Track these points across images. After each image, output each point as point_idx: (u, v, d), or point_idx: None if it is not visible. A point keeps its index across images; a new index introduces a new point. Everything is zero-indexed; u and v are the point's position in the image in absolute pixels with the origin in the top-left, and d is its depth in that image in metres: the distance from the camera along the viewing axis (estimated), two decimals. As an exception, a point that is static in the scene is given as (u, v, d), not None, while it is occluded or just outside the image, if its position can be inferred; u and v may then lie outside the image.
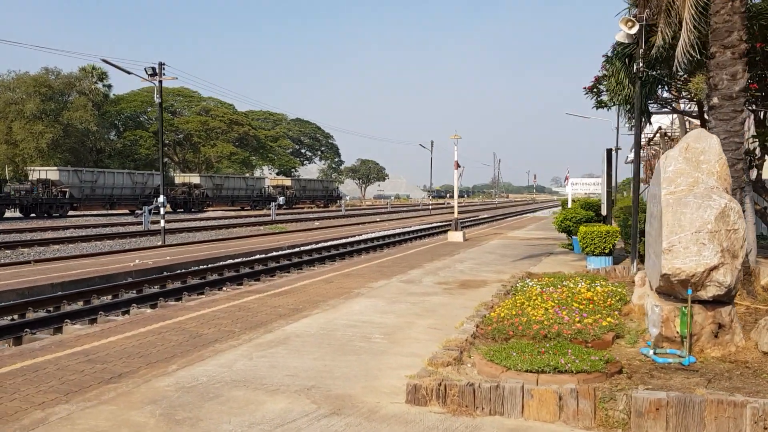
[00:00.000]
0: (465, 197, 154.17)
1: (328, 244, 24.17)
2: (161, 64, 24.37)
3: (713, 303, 6.45)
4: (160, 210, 25.06)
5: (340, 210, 59.87)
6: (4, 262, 17.62)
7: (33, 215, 41.56)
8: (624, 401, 4.81)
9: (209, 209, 57.47)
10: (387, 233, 30.71)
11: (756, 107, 13.13)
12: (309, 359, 6.64)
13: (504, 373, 5.63)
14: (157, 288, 13.76)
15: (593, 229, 14.09)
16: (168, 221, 27.25)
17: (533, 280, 10.89)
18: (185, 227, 31.99)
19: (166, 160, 24.49)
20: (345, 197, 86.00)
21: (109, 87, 68.86)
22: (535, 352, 6.05)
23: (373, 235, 28.58)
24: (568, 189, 31.11)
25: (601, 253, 13.96)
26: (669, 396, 4.68)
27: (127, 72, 24.23)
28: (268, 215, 45.83)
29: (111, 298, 12.71)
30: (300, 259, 19.40)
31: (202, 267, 16.71)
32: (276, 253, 20.25)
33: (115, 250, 21.10)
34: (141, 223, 32.90)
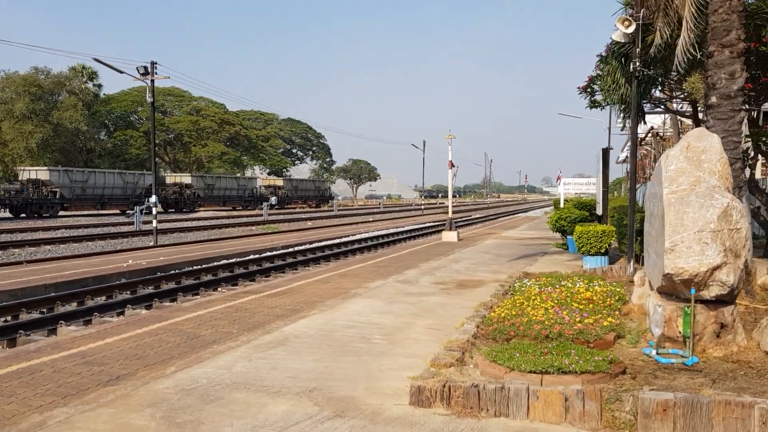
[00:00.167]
0: (457, 197, 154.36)
1: (322, 244, 24.09)
2: (153, 63, 24.19)
3: (715, 303, 6.43)
4: (152, 210, 24.89)
5: (332, 210, 59.75)
6: (-5, 262, 17.44)
7: (23, 215, 41.26)
8: (630, 402, 4.77)
9: (201, 209, 57.21)
10: (381, 233, 30.65)
11: (749, 106, 13.16)
12: (309, 360, 6.58)
13: (507, 374, 5.59)
14: (152, 289, 13.65)
15: (589, 229, 14.08)
16: (160, 221, 27.06)
17: (531, 279, 10.86)
18: (177, 227, 31.83)
19: (156, 160, 24.29)
20: (337, 197, 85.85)
21: (100, 86, 68.58)
22: (538, 352, 6.01)
23: (367, 235, 28.52)
24: (560, 189, 31.17)
25: (597, 253, 13.96)
26: (676, 397, 4.65)
27: (119, 71, 24.05)
28: (260, 215, 45.64)
29: (105, 299, 12.59)
30: (295, 260, 19.31)
31: (196, 267, 16.61)
32: (270, 254, 20.16)
33: (107, 250, 20.93)
34: (132, 224, 32.66)
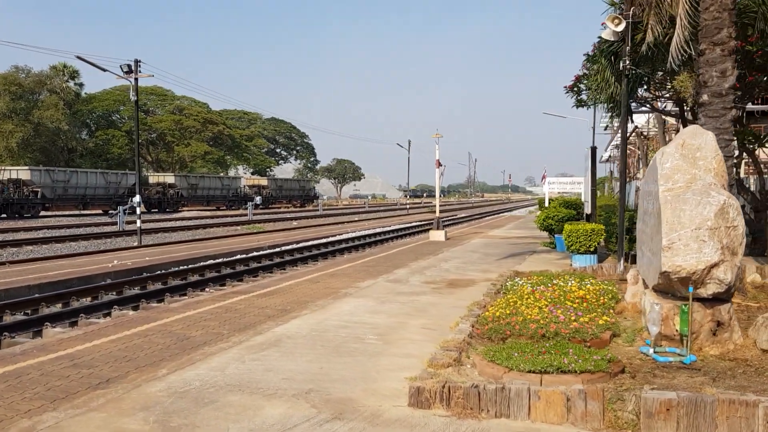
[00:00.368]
0: (442, 197, 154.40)
1: (309, 243, 23.93)
2: (137, 61, 23.91)
3: (712, 301, 6.41)
4: (135, 210, 24.59)
5: (317, 210, 59.52)
6: (-24, 263, 17.11)
7: (4, 216, 40.61)
8: (633, 402, 4.72)
9: (184, 209, 56.71)
10: (368, 233, 30.54)
11: (735, 105, 13.22)
12: (303, 362, 6.47)
13: (506, 374, 5.52)
14: (138, 289, 13.44)
15: (578, 228, 14.09)
16: (143, 221, 26.74)
17: (522, 278, 10.82)
18: (161, 227, 31.52)
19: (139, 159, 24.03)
20: (322, 197, 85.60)
21: (81, 85, 67.99)
22: (536, 351, 5.95)
23: (354, 235, 28.40)
24: (545, 188, 31.28)
25: (587, 251, 13.96)
26: (679, 396, 4.60)
27: (103, 69, 23.73)
28: (244, 215, 45.36)
29: (91, 300, 12.37)
30: (282, 259, 19.14)
31: (183, 268, 16.39)
32: (257, 253, 19.97)
33: (91, 250, 20.64)
34: (116, 224, 32.29)
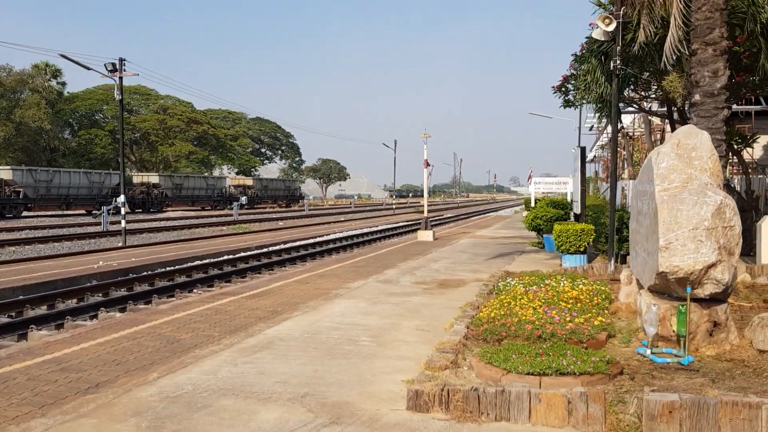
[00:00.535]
0: (429, 196, 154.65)
1: (297, 244, 23.77)
2: (122, 59, 23.63)
3: (708, 301, 6.39)
4: (120, 210, 24.31)
5: (303, 210, 59.27)
6: (-43, 265, 16.80)
7: (-15, 216, 40.09)
8: (635, 404, 4.67)
9: (169, 209, 56.26)
10: (355, 233, 30.44)
11: (726, 105, 13.27)
12: (297, 364, 6.36)
13: (505, 376, 5.45)
14: (125, 291, 13.24)
15: (568, 228, 14.07)
16: (128, 222, 26.42)
17: (513, 278, 10.77)
18: (146, 228, 31.21)
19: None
20: (308, 197, 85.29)
21: (64, 84, 67.08)
22: (534, 353, 5.88)
23: (342, 235, 28.28)
24: (531, 188, 31.33)
25: (576, 251, 13.95)
26: (682, 398, 4.54)
27: (87, 68, 23.46)
28: (230, 215, 45.02)
29: (77, 301, 12.16)
30: (270, 260, 18.99)
31: (170, 269, 16.20)
32: (245, 254, 19.79)
33: (75, 251, 20.37)
34: (100, 224, 31.92)
